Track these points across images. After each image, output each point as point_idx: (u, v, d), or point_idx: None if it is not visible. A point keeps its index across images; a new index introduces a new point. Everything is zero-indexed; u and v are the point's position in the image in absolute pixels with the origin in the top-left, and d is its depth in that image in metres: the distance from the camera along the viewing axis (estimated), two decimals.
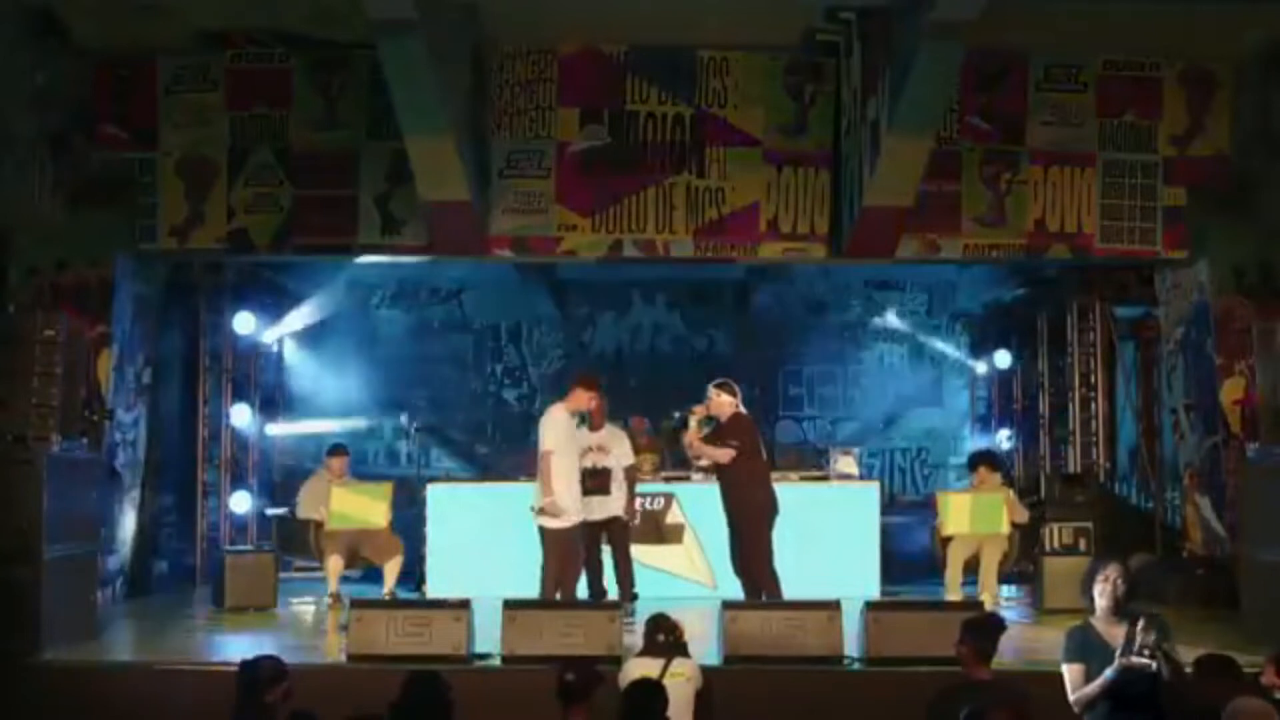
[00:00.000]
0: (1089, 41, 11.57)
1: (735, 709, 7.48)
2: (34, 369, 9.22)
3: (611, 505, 10.39)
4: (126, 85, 11.75)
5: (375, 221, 11.80)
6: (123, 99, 11.75)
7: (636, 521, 10.87)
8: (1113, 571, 5.79)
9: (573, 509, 9.89)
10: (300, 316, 14.90)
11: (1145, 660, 5.49)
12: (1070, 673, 5.80)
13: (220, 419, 13.79)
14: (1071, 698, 5.78)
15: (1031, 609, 11.30)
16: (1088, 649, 5.77)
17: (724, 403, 10.04)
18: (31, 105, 10.77)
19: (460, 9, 10.83)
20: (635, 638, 7.99)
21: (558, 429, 9.98)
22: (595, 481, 10.25)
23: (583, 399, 10.13)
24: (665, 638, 7.13)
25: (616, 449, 10.48)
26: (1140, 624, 5.57)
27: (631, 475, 10.59)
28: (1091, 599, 5.85)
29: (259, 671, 6.14)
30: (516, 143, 11.82)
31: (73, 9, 10.86)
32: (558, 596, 9.66)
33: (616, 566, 10.44)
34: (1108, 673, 5.60)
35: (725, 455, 9.90)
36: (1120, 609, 5.74)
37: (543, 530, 9.80)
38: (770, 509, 9.92)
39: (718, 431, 10.09)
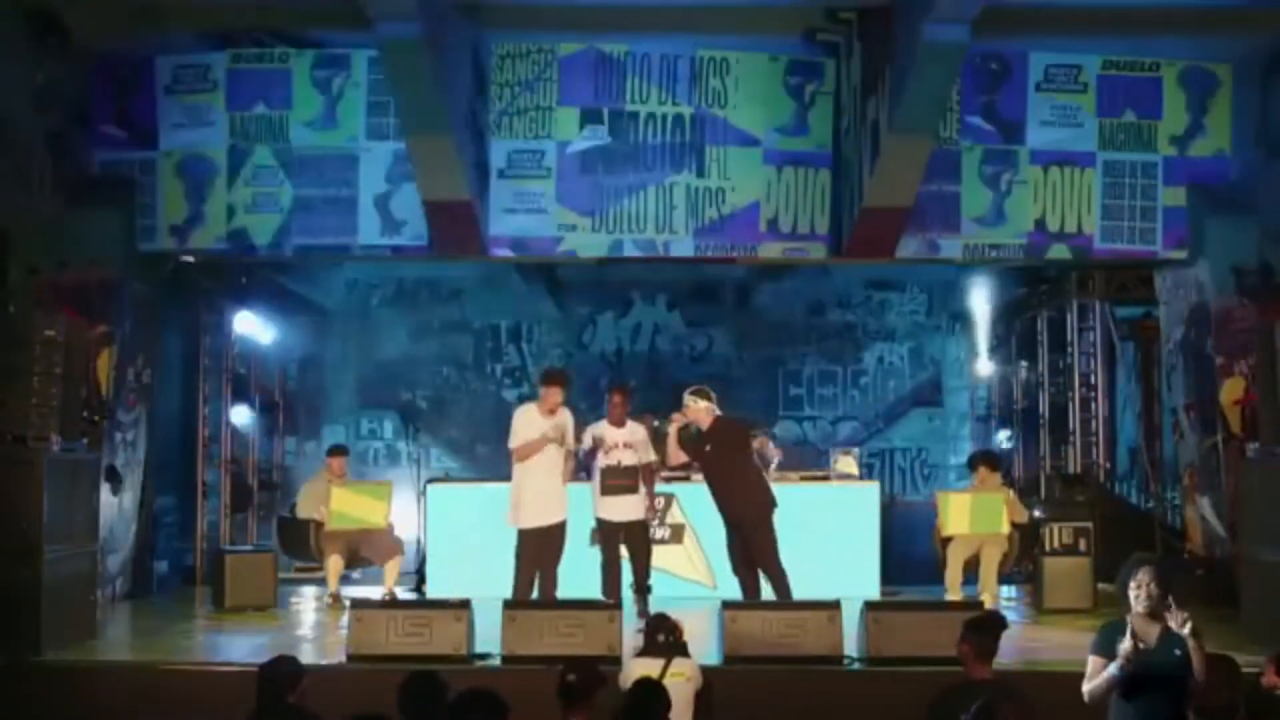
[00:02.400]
0: (1089, 41, 11.57)
1: (735, 709, 7.47)
2: (34, 369, 9.20)
3: (634, 507, 10.17)
4: (126, 85, 11.75)
5: (375, 221, 11.81)
6: (123, 99, 11.75)
7: (657, 520, 10.78)
8: (1145, 576, 5.86)
9: (529, 511, 9.89)
10: (300, 316, 14.90)
11: (1123, 660, 5.60)
12: (1090, 664, 5.86)
13: (220, 419, 13.79)
14: (1084, 688, 5.83)
15: (1031, 609, 11.30)
16: (1114, 645, 5.80)
17: (701, 409, 9.97)
18: (31, 105, 10.76)
19: (460, 9, 10.84)
20: (636, 639, 7.98)
21: (519, 427, 9.99)
22: (621, 479, 10.08)
23: (548, 396, 10.02)
24: (665, 638, 7.12)
25: (641, 445, 10.27)
26: (1168, 623, 5.66)
27: (650, 473, 10.38)
28: (1128, 600, 5.90)
29: (280, 672, 6.08)
30: (516, 143, 11.82)
31: (73, 9, 10.85)
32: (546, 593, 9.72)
33: (634, 562, 10.18)
34: (1111, 668, 5.67)
35: (675, 459, 10.10)
36: (1156, 610, 5.79)
37: None
38: (770, 504, 9.90)
39: (701, 437, 10.04)
